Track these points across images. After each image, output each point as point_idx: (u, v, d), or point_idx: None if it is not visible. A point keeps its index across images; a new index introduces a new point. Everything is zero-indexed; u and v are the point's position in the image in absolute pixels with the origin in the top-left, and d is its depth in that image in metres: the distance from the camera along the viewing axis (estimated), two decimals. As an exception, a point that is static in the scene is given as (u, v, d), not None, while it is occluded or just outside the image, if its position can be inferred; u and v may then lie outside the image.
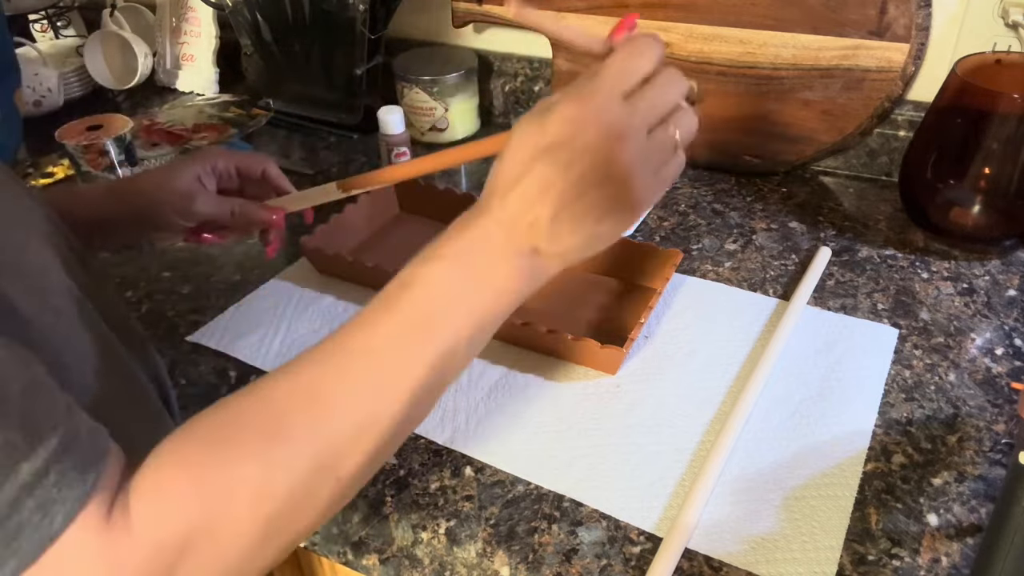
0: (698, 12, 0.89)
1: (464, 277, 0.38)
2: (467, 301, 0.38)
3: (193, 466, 0.33)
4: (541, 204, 0.38)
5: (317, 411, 0.35)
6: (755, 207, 0.88)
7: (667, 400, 0.63)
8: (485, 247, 0.39)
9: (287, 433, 0.34)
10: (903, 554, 0.51)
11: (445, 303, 0.38)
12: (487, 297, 0.39)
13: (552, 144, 0.38)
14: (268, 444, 0.34)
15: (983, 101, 0.70)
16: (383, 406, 0.36)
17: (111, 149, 0.96)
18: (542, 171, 0.38)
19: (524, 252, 0.39)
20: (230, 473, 0.33)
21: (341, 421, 0.35)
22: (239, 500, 0.33)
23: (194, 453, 0.33)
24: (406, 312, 0.37)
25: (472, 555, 0.53)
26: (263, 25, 1.10)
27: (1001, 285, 0.74)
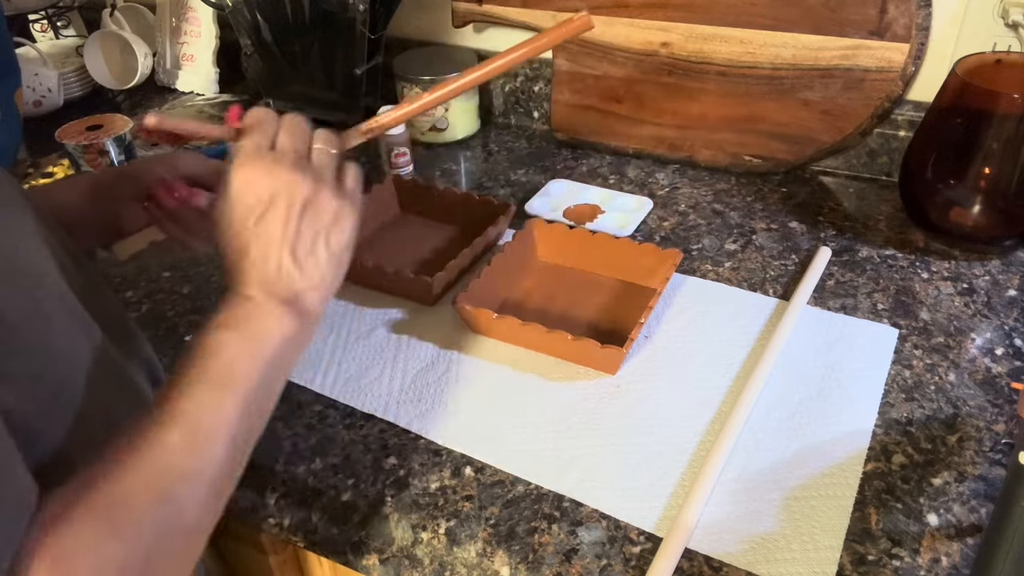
0: (698, 12, 0.89)
1: (242, 339, 0.44)
2: (253, 357, 0.44)
3: (58, 555, 0.35)
4: (276, 252, 0.45)
5: (151, 483, 0.38)
6: (755, 207, 0.88)
7: (667, 400, 0.63)
8: (252, 310, 0.45)
9: (129, 505, 0.37)
10: (903, 554, 0.51)
11: (233, 364, 0.43)
12: (270, 348, 0.44)
13: (249, 206, 0.45)
14: (118, 522, 0.37)
15: (983, 101, 0.70)
16: (205, 460, 0.41)
17: (111, 149, 0.96)
18: (258, 229, 0.45)
19: (288, 299, 0.46)
20: (91, 550, 0.36)
21: (174, 485, 0.39)
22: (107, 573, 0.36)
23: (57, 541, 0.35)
24: (201, 380, 0.42)
25: (472, 555, 0.53)
26: (263, 25, 1.10)
27: (1001, 285, 0.74)
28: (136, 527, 0.37)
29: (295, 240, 0.46)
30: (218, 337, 0.43)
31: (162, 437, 0.39)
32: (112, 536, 0.36)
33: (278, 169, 0.46)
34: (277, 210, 0.45)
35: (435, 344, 0.70)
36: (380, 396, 0.66)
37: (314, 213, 0.46)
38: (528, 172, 0.98)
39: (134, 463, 0.38)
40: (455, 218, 0.86)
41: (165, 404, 0.41)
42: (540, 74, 1.06)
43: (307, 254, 0.46)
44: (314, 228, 0.46)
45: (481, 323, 0.70)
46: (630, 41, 0.95)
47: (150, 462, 0.39)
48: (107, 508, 0.37)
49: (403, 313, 0.74)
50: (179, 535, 0.40)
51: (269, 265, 0.45)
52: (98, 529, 0.36)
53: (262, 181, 0.46)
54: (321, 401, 0.66)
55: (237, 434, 0.42)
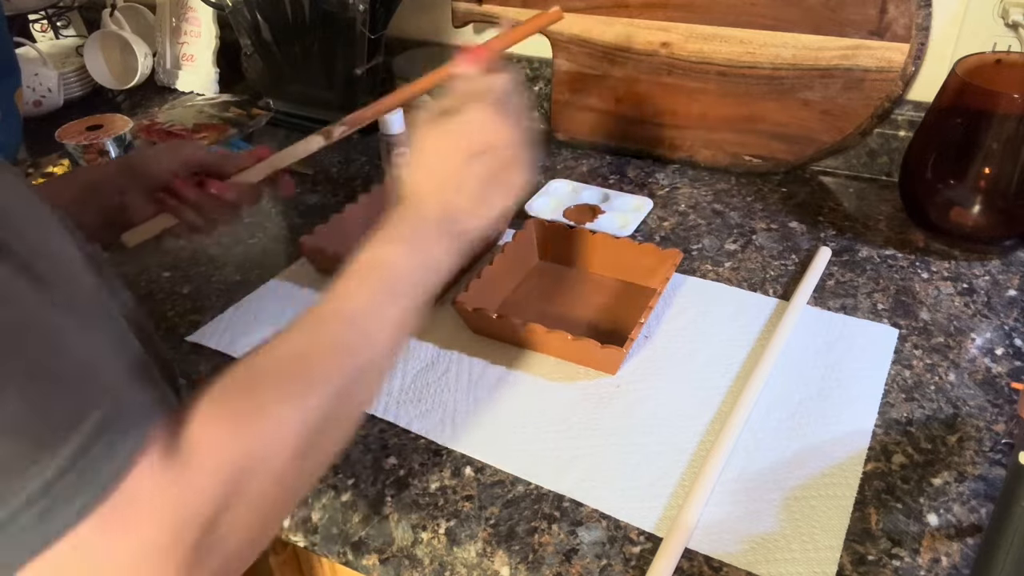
0: (698, 12, 0.89)
1: (413, 257, 0.47)
2: (416, 275, 0.47)
3: (236, 413, 0.37)
4: (467, 190, 0.49)
5: (329, 360, 0.42)
6: (755, 207, 0.88)
7: (667, 400, 0.63)
8: (426, 233, 0.48)
9: (311, 379, 0.40)
10: (903, 554, 0.51)
11: (405, 277, 0.47)
12: (430, 270, 0.48)
13: (470, 144, 0.49)
14: (297, 389, 0.39)
15: (983, 101, 0.70)
16: (375, 349, 0.44)
17: (111, 149, 0.96)
18: (466, 165, 0.49)
19: (454, 233, 0.49)
20: (268, 416, 0.38)
21: (349, 364, 0.42)
22: (278, 438, 0.38)
23: (234, 402, 0.38)
24: (374, 285, 0.46)
25: (472, 555, 0.53)
26: (263, 25, 1.10)
27: (1001, 285, 0.74)
28: (315, 395, 0.40)
29: (486, 186, 0.50)
30: (393, 252, 0.47)
31: (342, 330, 0.43)
32: (292, 400, 0.39)
33: (510, 126, 0.50)
34: (488, 156, 0.49)
35: (435, 344, 0.70)
36: (380, 396, 0.66)
37: (509, 172, 0.51)
38: (528, 172, 0.97)
39: (318, 341, 0.42)
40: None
41: (341, 303, 0.44)
42: (540, 74, 1.06)
43: (487, 202, 0.50)
44: (502, 182, 0.50)
45: (481, 323, 0.70)
46: (630, 41, 0.95)
47: (331, 342, 0.42)
48: (290, 375, 0.40)
49: (403, 313, 0.74)
50: (345, 411, 0.42)
51: (458, 199, 0.49)
52: (280, 393, 0.39)
53: (497, 128, 0.49)
54: (321, 401, 0.66)
55: (399, 336, 0.45)
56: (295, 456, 0.38)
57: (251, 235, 0.89)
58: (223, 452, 0.36)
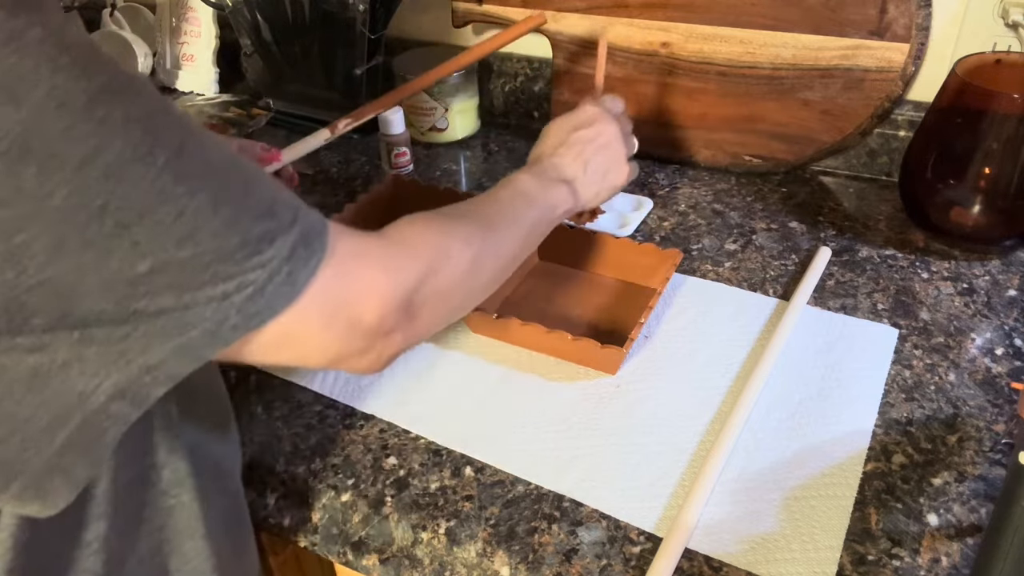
0: (698, 12, 0.89)
1: (542, 188, 0.60)
2: (537, 203, 0.59)
3: (430, 226, 0.48)
4: (577, 158, 0.64)
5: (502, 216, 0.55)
6: (755, 207, 0.88)
7: (667, 400, 0.63)
8: (549, 176, 0.62)
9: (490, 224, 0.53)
10: (903, 554, 0.51)
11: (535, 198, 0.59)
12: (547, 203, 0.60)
13: (581, 124, 0.66)
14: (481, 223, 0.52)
15: (983, 101, 0.70)
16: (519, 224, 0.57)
17: (111, 149, 0.96)
18: (574, 137, 0.65)
19: (569, 180, 0.63)
20: (453, 232, 0.49)
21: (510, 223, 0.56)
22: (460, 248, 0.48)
23: (428, 221, 0.49)
24: (517, 191, 0.59)
25: (472, 555, 0.53)
26: (263, 25, 1.10)
27: (1001, 285, 0.74)
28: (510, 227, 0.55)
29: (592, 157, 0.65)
30: (528, 179, 0.60)
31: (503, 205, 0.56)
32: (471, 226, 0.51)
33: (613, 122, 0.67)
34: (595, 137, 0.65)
35: (435, 344, 0.70)
36: (380, 396, 0.66)
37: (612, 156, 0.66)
38: (528, 172, 0.97)
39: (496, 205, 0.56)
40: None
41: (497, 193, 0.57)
42: (540, 74, 1.06)
43: (592, 172, 0.65)
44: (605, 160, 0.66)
45: (481, 323, 0.70)
46: (630, 41, 0.95)
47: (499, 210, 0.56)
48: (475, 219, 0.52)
49: (403, 313, 0.74)
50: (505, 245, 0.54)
51: (568, 161, 0.64)
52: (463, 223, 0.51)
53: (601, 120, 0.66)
54: (321, 401, 0.66)
55: (526, 235, 0.57)
56: (469, 267, 0.49)
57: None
58: (424, 244, 0.46)
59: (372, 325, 0.41)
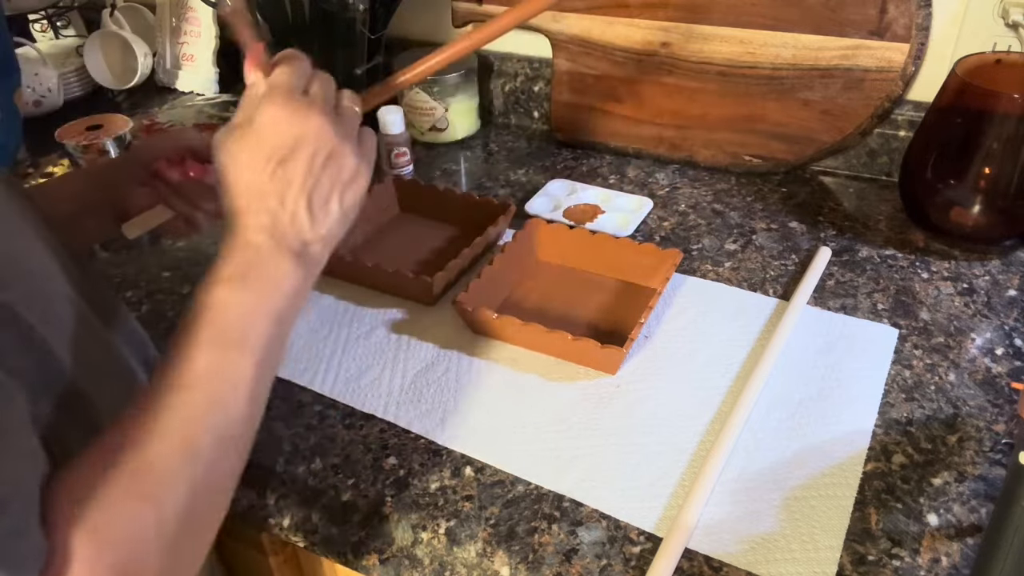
0: (698, 12, 0.89)
1: (250, 295, 0.42)
2: (265, 313, 0.43)
3: (94, 527, 0.35)
4: (292, 200, 0.44)
5: (177, 443, 0.38)
6: (755, 207, 0.88)
7: (667, 400, 0.63)
8: (259, 262, 0.43)
9: (162, 471, 0.37)
10: (903, 554, 0.51)
11: (244, 321, 0.42)
12: (279, 302, 0.43)
13: (273, 149, 0.44)
14: (150, 484, 0.37)
15: (983, 101, 0.70)
16: (230, 418, 0.41)
17: (111, 149, 0.96)
18: (279, 174, 0.44)
19: (296, 250, 0.44)
20: (126, 522, 0.36)
21: (201, 445, 0.39)
22: (142, 540, 0.36)
23: (90, 514, 0.35)
24: (215, 340, 0.41)
25: (472, 555, 0.53)
26: (263, 25, 1.10)
27: (1001, 285, 0.74)
28: (168, 489, 0.37)
29: (313, 190, 0.45)
30: (227, 293, 0.42)
31: (184, 399, 0.39)
32: (145, 500, 0.37)
33: (311, 114, 0.44)
34: (302, 156, 0.44)
35: (435, 344, 0.70)
36: (380, 396, 0.66)
37: (336, 166, 0.45)
38: (528, 172, 0.98)
39: (159, 427, 0.38)
40: (455, 218, 0.86)
41: (182, 367, 0.40)
42: (540, 74, 1.06)
43: (321, 206, 0.45)
44: (332, 181, 0.45)
45: (481, 323, 0.70)
46: (630, 41, 0.95)
47: (175, 425, 0.38)
48: (136, 473, 0.37)
49: (403, 313, 0.74)
50: (209, 492, 0.40)
51: (283, 212, 0.44)
52: (130, 495, 0.36)
53: (292, 122, 0.44)
54: (321, 401, 0.66)
55: (255, 390, 0.42)
56: (162, 549, 0.37)
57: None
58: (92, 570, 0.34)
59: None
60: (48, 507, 0.35)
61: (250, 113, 0.45)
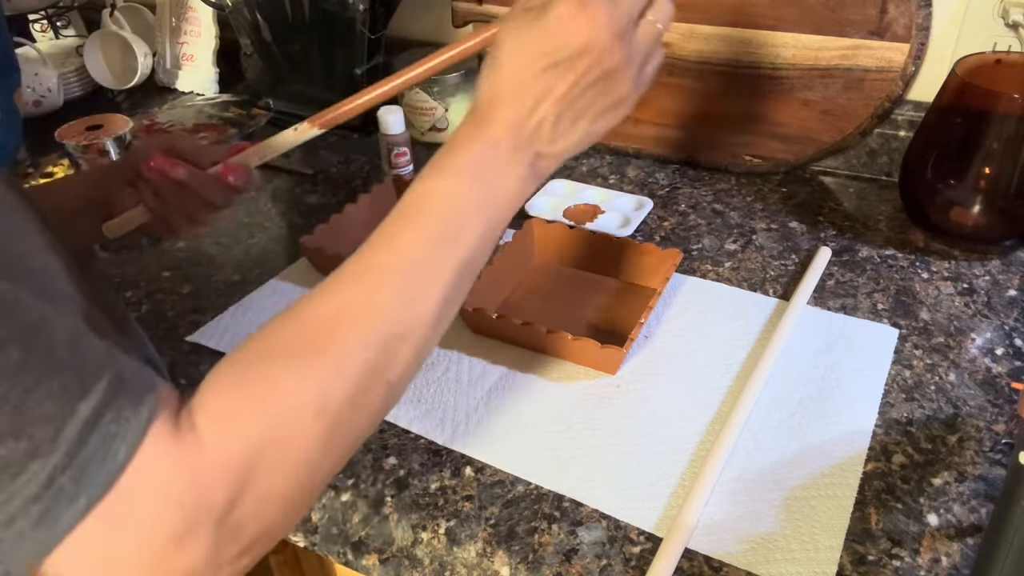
0: (698, 12, 0.89)
1: (478, 190, 0.40)
2: (482, 212, 0.41)
3: (253, 386, 0.34)
4: (546, 107, 0.41)
5: (360, 325, 0.37)
6: (755, 207, 0.88)
7: (667, 400, 0.63)
8: (495, 159, 0.41)
9: (337, 349, 0.36)
10: (903, 554, 0.51)
11: (463, 216, 0.40)
12: (500, 205, 0.41)
13: (553, 48, 0.40)
14: (320, 360, 0.35)
15: (983, 101, 0.70)
16: (419, 313, 0.39)
17: (111, 149, 0.96)
18: (546, 75, 0.41)
19: (529, 159, 0.42)
20: (289, 389, 0.34)
21: (384, 332, 0.37)
22: (300, 414, 0.34)
23: (251, 374, 0.35)
24: (429, 227, 0.39)
25: (472, 555, 0.53)
26: (263, 25, 1.10)
27: (1001, 285, 0.74)
28: (338, 371, 0.36)
29: (571, 104, 0.42)
30: (452, 185, 0.40)
31: (380, 284, 0.38)
32: (313, 375, 0.35)
33: (609, 25, 0.40)
34: (577, 66, 0.41)
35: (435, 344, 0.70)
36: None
37: (605, 87, 0.42)
38: (528, 172, 0.97)
39: (348, 308, 0.37)
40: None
41: (388, 249, 0.39)
42: (540, 74, 1.05)
43: (571, 122, 0.42)
44: (592, 100, 0.42)
45: (481, 323, 0.70)
46: (630, 41, 0.94)
47: (363, 309, 0.37)
48: (312, 349, 0.35)
49: (403, 313, 0.74)
50: (381, 385, 0.38)
51: (534, 115, 0.41)
52: (300, 369, 0.35)
53: (583, 29, 0.40)
54: (321, 401, 0.66)
55: (451, 291, 0.40)
56: (315, 438, 0.35)
57: (251, 235, 0.89)
58: (237, 439, 0.33)
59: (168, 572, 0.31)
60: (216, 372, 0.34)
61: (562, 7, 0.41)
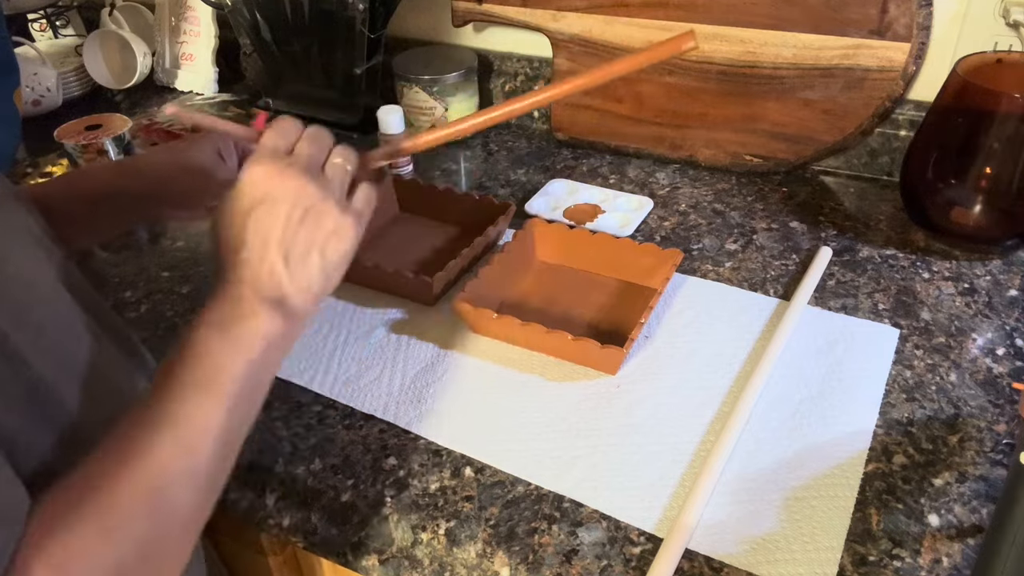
0: (698, 12, 0.89)
1: (229, 340, 0.43)
2: (238, 359, 0.43)
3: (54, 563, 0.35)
4: (270, 253, 0.45)
5: (143, 484, 0.39)
6: (756, 207, 0.88)
7: (667, 400, 0.63)
8: (240, 310, 0.44)
9: (125, 512, 0.38)
10: (904, 555, 0.51)
11: (218, 366, 0.43)
12: (255, 350, 0.44)
13: (252, 204, 0.46)
14: (111, 525, 0.38)
15: (984, 101, 0.70)
16: (196, 462, 0.41)
17: (110, 148, 0.96)
18: (256, 226, 0.45)
19: (274, 302, 0.45)
20: (87, 554, 0.36)
21: (167, 486, 0.40)
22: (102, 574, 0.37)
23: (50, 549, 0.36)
24: (187, 383, 0.42)
25: (472, 556, 0.53)
26: (263, 25, 1.10)
27: (1002, 285, 0.74)
28: (130, 529, 0.38)
29: (290, 244, 0.46)
30: (204, 336, 0.43)
31: (152, 439, 0.40)
32: (106, 539, 0.37)
33: (289, 172, 0.46)
34: (277, 211, 0.46)
35: (435, 344, 0.70)
36: (380, 396, 0.65)
37: (314, 222, 0.46)
38: (528, 172, 0.97)
39: (126, 467, 0.39)
40: (455, 218, 0.86)
41: (154, 405, 0.41)
42: (540, 74, 1.05)
43: (300, 260, 0.46)
44: (311, 236, 0.46)
45: (481, 323, 0.69)
46: (630, 41, 0.94)
47: (142, 465, 0.39)
48: (100, 512, 0.37)
49: (403, 313, 0.74)
50: (172, 534, 0.41)
51: (262, 265, 0.45)
52: (92, 533, 0.37)
53: (269, 181, 0.46)
54: (320, 401, 0.66)
55: (226, 433, 0.42)
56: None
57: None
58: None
59: None
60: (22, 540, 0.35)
61: (240, 176, 0.47)
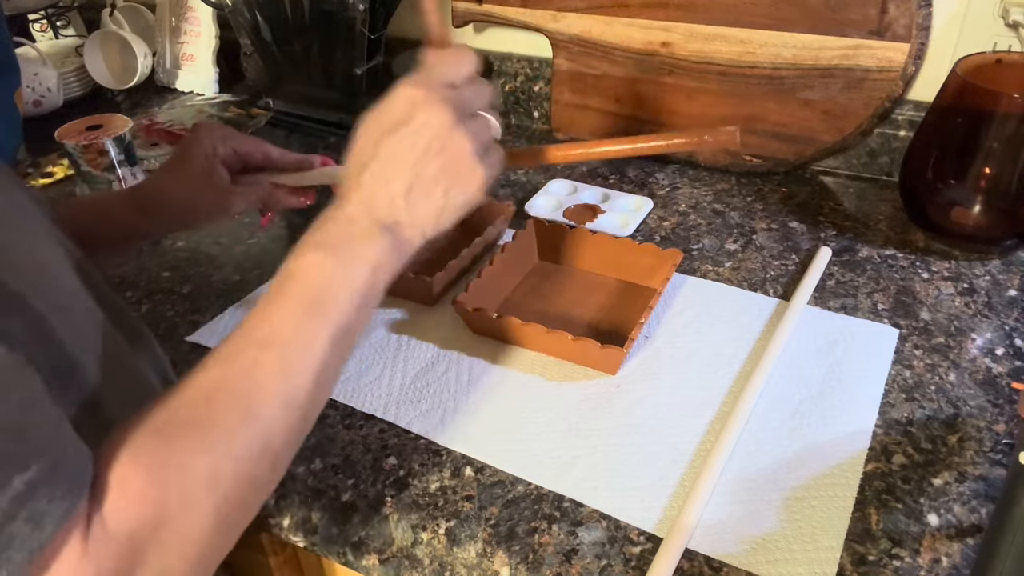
0: (698, 12, 0.89)
1: (339, 262, 0.43)
2: (346, 282, 0.42)
3: (147, 463, 0.36)
4: (394, 180, 0.44)
5: (243, 401, 0.39)
6: (755, 207, 0.88)
7: (667, 400, 0.63)
8: (352, 230, 0.43)
9: (223, 425, 0.38)
10: (903, 554, 0.51)
11: (327, 288, 0.42)
12: (363, 274, 0.43)
13: (394, 124, 0.43)
14: (208, 436, 0.37)
15: (984, 101, 0.70)
16: (296, 385, 0.41)
17: (111, 149, 0.96)
18: (389, 150, 0.43)
19: (387, 227, 0.44)
20: (180, 466, 0.36)
21: (265, 406, 0.39)
22: (192, 490, 0.36)
23: (145, 450, 0.36)
24: (295, 303, 0.41)
25: (472, 555, 0.53)
26: (263, 25, 1.10)
27: (1002, 285, 0.74)
28: (226, 444, 0.38)
29: (419, 175, 0.44)
30: (314, 258, 0.42)
31: (257, 358, 0.40)
32: (203, 450, 0.37)
33: (443, 106, 0.43)
34: (417, 139, 0.43)
35: (435, 344, 0.70)
36: (380, 396, 0.66)
37: (450, 162, 0.44)
38: (528, 172, 0.97)
39: (228, 383, 0.39)
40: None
41: (260, 325, 0.41)
42: (540, 74, 1.05)
43: (423, 194, 0.44)
44: (442, 175, 0.44)
45: (481, 323, 0.70)
46: (630, 41, 0.94)
47: (244, 382, 0.39)
48: (198, 425, 0.37)
49: (403, 313, 0.74)
50: (266, 457, 0.40)
51: (385, 187, 0.44)
52: (189, 442, 0.37)
53: (423, 107, 0.43)
54: (321, 401, 0.66)
55: (327, 361, 0.42)
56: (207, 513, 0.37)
57: (251, 235, 0.89)
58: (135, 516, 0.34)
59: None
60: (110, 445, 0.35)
61: (392, 92, 0.44)
